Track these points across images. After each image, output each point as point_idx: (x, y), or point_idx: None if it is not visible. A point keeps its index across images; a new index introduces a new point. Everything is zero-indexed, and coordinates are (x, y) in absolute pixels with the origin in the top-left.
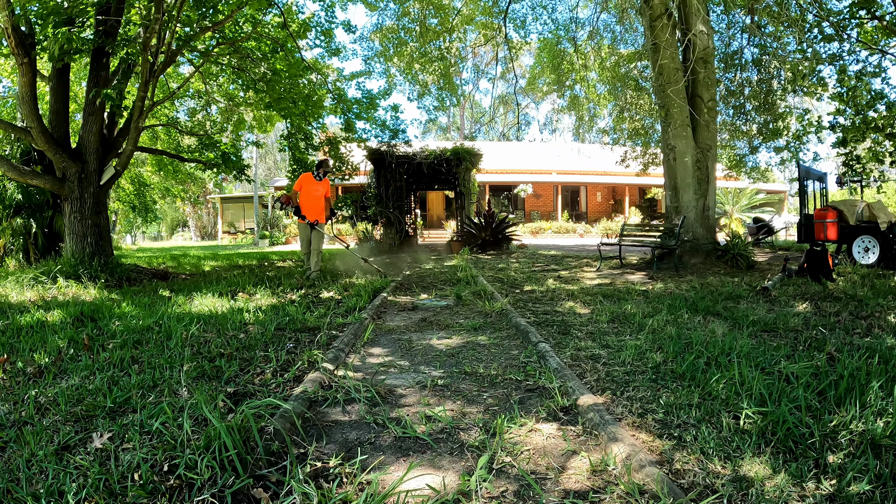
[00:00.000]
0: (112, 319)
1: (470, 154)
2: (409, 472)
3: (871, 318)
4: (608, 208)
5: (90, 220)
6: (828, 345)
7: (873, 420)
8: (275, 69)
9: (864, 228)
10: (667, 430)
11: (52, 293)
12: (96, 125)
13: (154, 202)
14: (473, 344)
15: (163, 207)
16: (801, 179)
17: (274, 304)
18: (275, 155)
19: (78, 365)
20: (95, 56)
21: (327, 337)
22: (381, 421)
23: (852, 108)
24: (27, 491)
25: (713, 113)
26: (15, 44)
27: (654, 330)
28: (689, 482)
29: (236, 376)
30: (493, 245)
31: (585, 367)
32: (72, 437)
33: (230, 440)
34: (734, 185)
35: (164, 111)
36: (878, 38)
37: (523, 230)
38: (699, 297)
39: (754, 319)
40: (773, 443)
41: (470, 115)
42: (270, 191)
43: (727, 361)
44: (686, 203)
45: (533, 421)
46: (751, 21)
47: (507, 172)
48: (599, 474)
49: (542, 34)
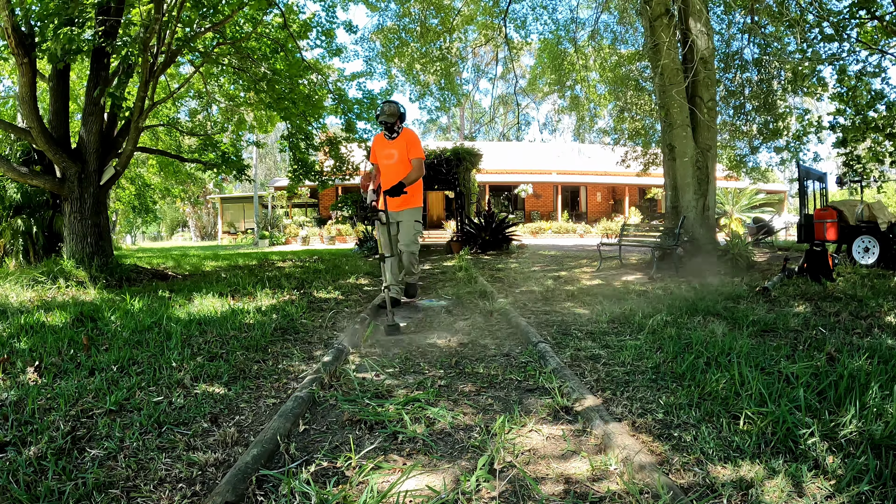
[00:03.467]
0: (112, 320)
1: (470, 154)
2: (408, 472)
3: (870, 319)
4: (608, 208)
5: (90, 220)
6: (828, 345)
7: (873, 420)
8: (275, 69)
9: (863, 228)
10: (667, 430)
11: (52, 293)
12: (96, 125)
13: (154, 202)
14: (473, 344)
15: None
16: (800, 179)
17: (274, 304)
18: (275, 155)
19: (77, 365)
20: (95, 56)
21: (327, 337)
22: (381, 421)
23: (852, 108)
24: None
25: (713, 113)
26: (15, 44)
27: (653, 330)
28: (688, 482)
29: (236, 377)
30: (493, 245)
31: (585, 367)
32: (69, 439)
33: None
34: (734, 185)
35: (164, 111)
36: (878, 39)
37: (523, 230)
38: (699, 297)
39: (754, 319)
40: (773, 443)
41: (470, 115)
42: (270, 191)
43: (727, 361)
44: (686, 203)
45: (533, 421)
46: (751, 21)
47: (507, 172)
48: (599, 474)
49: (543, 34)
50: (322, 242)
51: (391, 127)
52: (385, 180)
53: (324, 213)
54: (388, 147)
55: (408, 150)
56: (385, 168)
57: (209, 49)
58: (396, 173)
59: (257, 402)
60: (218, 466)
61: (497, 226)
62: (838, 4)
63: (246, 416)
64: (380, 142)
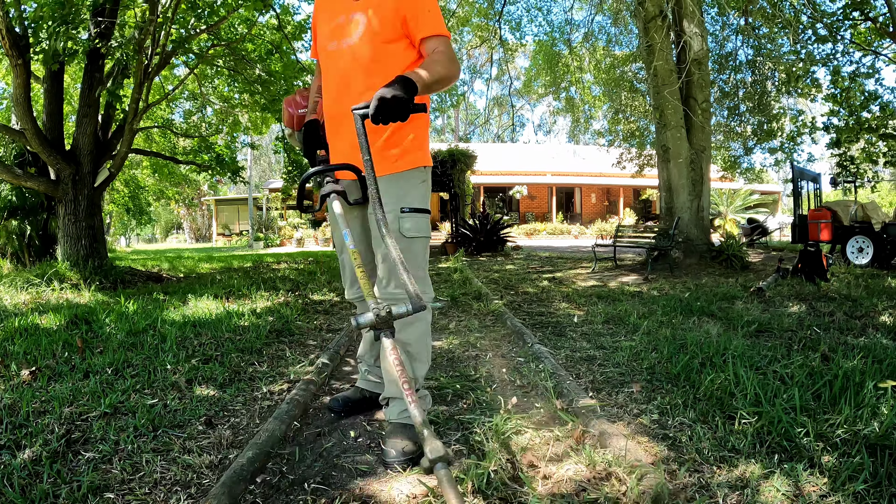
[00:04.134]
0: (106, 322)
1: (464, 156)
2: (404, 472)
3: (865, 318)
4: (603, 210)
5: (84, 222)
6: (822, 345)
7: (868, 420)
8: (270, 71)
9: (857, 229)
10: (662, 430)
11: (46, 296)
12: (90, 127)
13: (149, 204)
14: (469, 345)
15: (157, 209)
16: (794, 180)
17: (269, 306)
18: (269, 157)
19: (72, 368)
20: (90, 58)
21: (322, 339)
22: (377, 423)
23: (846, 109)
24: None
25: (707, 114)
26: (9, 45)
27: (648, 331)
28: (684, 483)
29: (231, 379)
30: (488, 247)
31: (580, 368)
32: (63, 442)
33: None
34: (729, 185)
35: (159, 113)
36: (871, 40)
37: (518, 232)
38: (694, 297)
39: (749, 320)
40: (769, 443)
41: (464, 116)
42: (265, 193)
43: (722, 362)
44: (680, 204)
45: (528, 422)
46: (745, 22)
47: (501, 174)
48: (594, 475)
49: (538, 36)
50: (317, 244)
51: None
52: (333, 93)
53: (319, 215)
54: (350, 7)
55: (411, 11)
56: (334, 61)
57: (204, 50)
58: (368, 71)
59: (252, 405)
60: (213, 469)
61: (492, 227)
62: (832, 6)
63: (241, 419)
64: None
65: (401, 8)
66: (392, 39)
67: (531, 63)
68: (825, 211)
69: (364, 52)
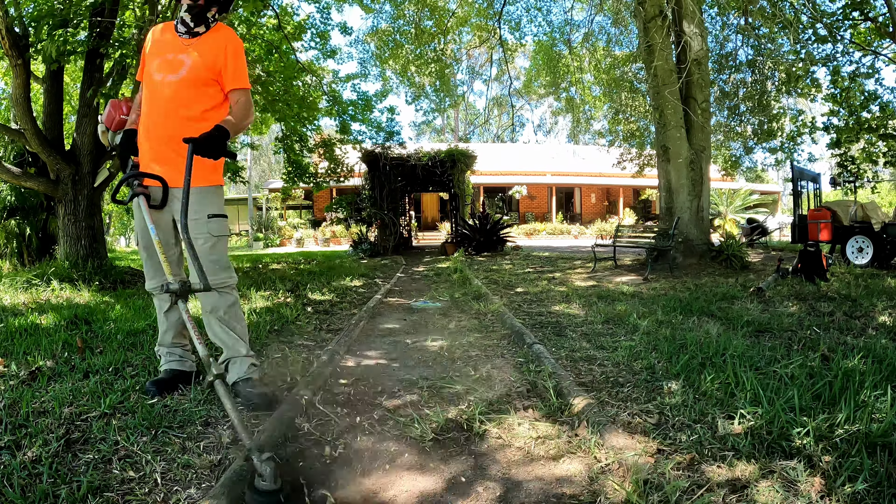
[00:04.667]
0: (106, 322)
1: (464, 156)
2: (401, 473)
3: (864, 318)
4: (602, 210)
5: (84, 222)
6: (822, 345)
7: (867, 420)
8: (270, 71)
9: (857, 229)
10: (661, 430)
11: (46, 296)
12: (90, 127)
13: None
14: (468, 345)
15: None
16: (794, 180)
17: (268, 306)
18: (269, 157)
19: (72, 368)
20: (89, 58)
21: (322, 339)
22: (376, 423)
23: (846, 109)
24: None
25: (707, 114)
26: (9, 45)
27: (648, 331)
28: (684, 482)
29: None
30: (488, 247)
31: (580, 367)
32: (63, 442)
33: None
34: (728, 185)
35: None
36: (871, 40)
37: (517, 232)
38: (693, 297)
39: (748, 320)
40: (768, 443)
41: (464, 116)
42: (265, 193)
43: (721, 362)
44: (680, 204)
45: (528, 422)
46: (745, 22)
47: (501, 174)
48: (593, 474)
49: (537, 36)
50: (317, 244)
51: (200, 13)
52: (154, 115)
53: (318, 215)
54: (179, 49)
55: (225, 65)
56: (158, 90)
57: None
58: (180, 104)
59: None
60: (213, 469)
61: (491, 227)
62: (832, 6)
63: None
64: (164, 35)
65: (218, 61)
66: (208, 83)
67: (531, 63)
68: (825, 211)
69: (185, 88)
